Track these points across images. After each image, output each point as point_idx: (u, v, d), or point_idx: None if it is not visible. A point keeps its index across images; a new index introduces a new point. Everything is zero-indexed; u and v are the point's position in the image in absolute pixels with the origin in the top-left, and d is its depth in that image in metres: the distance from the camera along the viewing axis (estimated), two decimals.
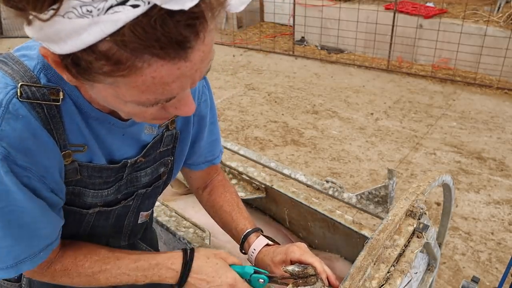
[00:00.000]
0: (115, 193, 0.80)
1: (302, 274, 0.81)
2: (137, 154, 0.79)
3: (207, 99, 0.92)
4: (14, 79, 0.60)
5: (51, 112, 0.63)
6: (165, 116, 0.60)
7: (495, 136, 3.81)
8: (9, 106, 0.58)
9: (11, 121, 0.58)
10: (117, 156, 0.76)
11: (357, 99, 4.70)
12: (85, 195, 0.75)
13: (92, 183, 0.74)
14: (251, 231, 0.95)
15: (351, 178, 3.23)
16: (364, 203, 1.24)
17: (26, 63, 0.63)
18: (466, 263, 2.38)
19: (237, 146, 1.55)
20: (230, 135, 3.97)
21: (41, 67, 0.63)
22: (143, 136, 0.79)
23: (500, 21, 5.03)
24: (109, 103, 0.57)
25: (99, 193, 0.76)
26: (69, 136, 0.66)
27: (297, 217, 1.47)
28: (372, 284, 0.75)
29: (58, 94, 0.63)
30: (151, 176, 0.87)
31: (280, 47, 6.61)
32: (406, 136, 3.86)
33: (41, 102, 0.61)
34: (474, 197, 2.96)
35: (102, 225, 0.85)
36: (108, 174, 0.75)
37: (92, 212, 0.79)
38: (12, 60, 0.63)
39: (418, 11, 5.43)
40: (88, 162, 0.71)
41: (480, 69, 5.01)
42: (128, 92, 0.51)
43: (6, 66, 0.62)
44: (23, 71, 0.61)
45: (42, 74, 0.63)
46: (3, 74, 0.61)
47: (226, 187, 1.06)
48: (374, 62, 5.73)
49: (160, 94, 0.52)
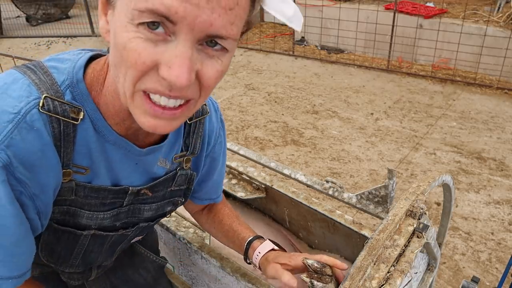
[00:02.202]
0: (112, 219, 0.77)
1: (320, 270, 0.81)
2: (144, 185, 0.78)
3: (222, 142, 0.92)
4: (40, 89, 0.60)
5: (66, 129, 0.62)
6: (156, 84, 0.53)
7: (495, 136, 3.81)
8: (26, 116, 0.57)
9: (24, 131, 0.57)
10: (123, 182, 0.74)
11: (357, 99, 4.70)
12: (80, 216, 0.72)
13: (88, 203, 0.72)
14: (254, 238, 0.95)
15: (351, 178, 3.23)
16: (364, 203, 1.24)
17: (54, 76, 0.62)
18: (466, 263, 2.38)
19: (237, 146, 1.55)
20: (230, 135, 3.97)
21: (69, 83, 0.63)
22: (156, 168, 0.78)
23: (500, 21, 5.03)
24: (117, 49, 0.53)
25: (94, 215, 0.73)
26: (75, 157, 0.65)
27: (297, 217, 1.47)
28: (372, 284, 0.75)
29: (78, 114, 0.62)
30: (155, 212, 0.85)
31: (280, 47, 6.61)
32: (406, 136, 3.86)
33: (59, 118, 0.60)
34: (474, 197, 2.96)
35: (96, 250, 0.82)
36: (105, 195, 0.72)
37: (87, 234, 0.76)
38: (41, 70, 0.62)
39: (418, 11, 5.43)
40: (87, 183, 0.69)
41: (480, 69, 5.01)
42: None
43: (34, 75, 0.61)
44: (50, 84, 0.61)
45: (68, 90, 0.62)
46: (29, 83, 0.60)
47: (224, 203, 1.07)
48: (374, 62, 5.73)
49: (158, 1, 0.48)
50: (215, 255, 1.11)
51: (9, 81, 0.60)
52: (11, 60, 3.96)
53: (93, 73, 0.65)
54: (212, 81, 0.56)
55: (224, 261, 1.09)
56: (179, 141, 0.81)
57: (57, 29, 8.09)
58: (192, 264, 1.23)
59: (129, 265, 1.09)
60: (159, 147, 0.75)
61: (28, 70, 0.62)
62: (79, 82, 0.63)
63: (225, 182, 1.56)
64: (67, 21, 9.03)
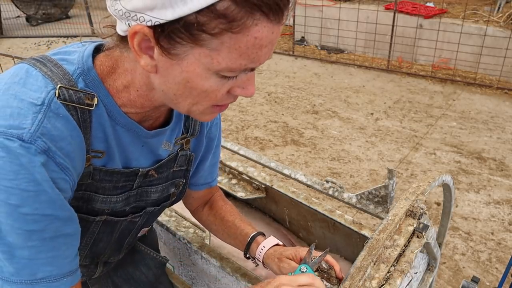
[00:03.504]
0: (123, 203, 0.80)
1: (327, 272, 0.83)
2: (150, 166, 0.80)
3: (218, 123, 0.95)
4: (53, 81, 0.61)
5: (83, 116, 0.64)
6: (230, 100, 0.65)
7: (495, 136, 3.81)
8: (51, 104, 0.59)
9: (52, 119, 0.59)
10: (134, 164, 0.77)
11: (357, 99, 4.70)
12: (94, 201, 0.74)
13: (102, 187, 0.74)
14: (258, 233, 0.96)
15: (351, 178, 3.23)
16: (364, 203, 1.24)
17: (65, 67, 0.64)
18: (466, 263, 2.38)
19: (237, 146, 1.55)
20: (230, 135, 3.97)
21: (80, 72, 0.65)
22: (160, 150, 0.81)
23: (500, 21, 5.03)
24: (184, 85, 0.60)
25: (108, 198, 0.76)
26: (93, 142, 0.67)
27: (297, 217, 1.47)
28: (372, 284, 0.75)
29: (92, 100, 0.64)
30: (161, 194, 0.88)
31: (280, 47, 6.61)
32: (406, 136, 3.86)
33: (76, 106, 0.62)
34: (474, 197, 2.96)
35: (105, 239, 0.84)
36: (117, 178, 0.75)
37: (99, 220, 0.78)
38: (51, 63, 0.64)
39: (418, 11, 5.43)
40: (102, 166, 0.71)
41: (480, 69, 5.01)
42: (227, 56, 0.55)
43: (45, 68, 0.63)
44: (62, 74, 0.63)
45: (80, 78, 0.64)
46: (42, 75, 0.62)
47: (225, 200, 1.08)
48: (374, 62, 5.73)
49: (252, 60, 0.56)
50: (215, 255, 1.11)
51: (23, 75, 0.61)
52: (11, 60, 3.96)
53: (102, 66, 0.67)
54: None
55: (224, 261, 1.09)
56: (180, 124, 0.84)
57: (57, 29, 8.09)
58: (192, 264, 1.23)
59: (130, 263, 1.10)
60: (164, 130, 0.78)
61: (37, 63, 0.64)
62: (90, 69, 0.66)
63: (225, 182, 1.56)
64: (67, 21, 9.03)
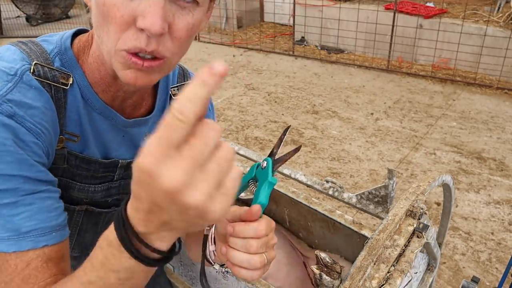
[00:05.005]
0: (103, 193, 0.78)
1: (330, 266, 0.82)
2: (132, 158, 0.78)
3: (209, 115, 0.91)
4: (30, 57, 0.63)
5: (57, 94, 0.64)
6: (134, 37, 0.55)
7: (495, 136, 3.81)
8: (23, 76, 0.60)
9: (23, 90, 0.59)
10: (114, 155, 0.76)
11: (357, 99, 4.70)
12: (71, 188, 0.73)
13: (79, 174, 0.73)
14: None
15: (351, 178, 3.23)
16: (364, 203, 1.24)
17: (44, 46, 0.66)
18: (466, 263, 2.38)
19: (237, 146, 1.54)
20: (230, 135, 3.97)
21: (58, 51, 0.66)
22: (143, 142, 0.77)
23: (500, 21, 5.03)
24: (96, 5, 0.57)
25: (85, 187, 0.75)
26: (67, 123, 0.67)
27: (297, 217, 1.47)
28: (372, 284, 0.75)
29: (68, 79, 0.65)
30: None
31: (280, 47, 6.61)
32: (406, 136, 3.86)
33: (50, 83, 0.63)
34: (474, 197, 2.96)
35: (91, 230, 0.83)
36: (95, 168, 0.74)
37: (80, 209, 0.77)
38: (32, 43, 0.66)
39: (418, 11, 5.43)
40: (78, 153, 0.71)
41: (480, 69, 5.01)
42: None
43: (24, 46, 0.65)
44: (40, 52, 0.65)
45: (57, 58, 0.66)
46: (20, 51, 0.63)
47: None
48: (374, 62, 5.73)
49: None
50: None
51: (3, 51, 0.64)
52: None
53: (79, 43, 0.69)
54: (183, 33, 0.58)
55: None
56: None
57: (57, 29, 8.09)
58: (192, 264, 1.23)
59: None
60: (145, 120, 0.77)
61: (20, 43, 0.66)
62: (67, 49, 0.67)
63: None
64: (67, 21, 9.03)
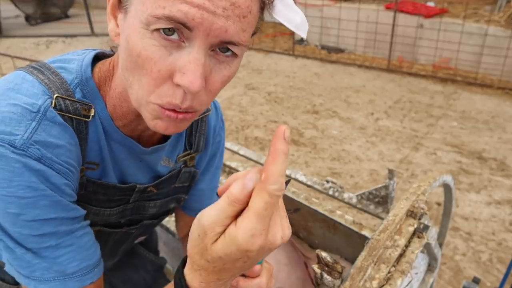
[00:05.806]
0: (118, 215, 0.78)
1: (331, 265, 0.81)
2: (148, 182, 0.79)
3: (221, 141, 0.91)
4: (50, 89, 0.60)
5: (79, 127, 0.62)
6: (170, 91, 0.54)
7: (496, 136, 3.80)
8: (46, 113, 0.58)
9: (48, 127, 0.57)
10: (130, 180, 0.75)
11: (357, 99, 4.70)
12: (87, 212, 0.72)
13: (96, 199, 0.72)
14: None
15: (351, 178, 3.23)
16: (364, 203, 1.24)
17: (63, 75, 0.63)
18: (467, 264, 2.37)
19: (237, 146, 1.54)
20: (230, 135, 3.97)
21: (79, 82, 0.63)
22: (159, 167, 0.78)
23: (501, 21, 5.03)
24: (126, 48, 0.54)
25: (101, 210, 0.74)
26: (88, 153, 0.66)
27: (297, 217, 1.47)
28: (372, 284, 0.75)
29: (89, 111, 0.63)
30: (159, 209, 0.85)
31: (280, 47, 6.60)
32: (406, 136, 3.85)
33: (72, 116, 0.61)
34: (475, 197, 2.96)
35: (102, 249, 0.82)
36: (113, 192, 0.73)
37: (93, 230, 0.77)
38: (49, 71, 0.63)
39: (419, 10, 5.42)
40: (96, 179, 0.70)
41: (481, 68, 5.00)
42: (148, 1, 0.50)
43: (42, 75, 0.61)
44: (60, 83, 0.61)
45: (78, 88, 0.63)
46: (39, 82, 0.60)
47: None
48: (374, 61, 5.73)
49: (175, 8, 0.48)
50: None
51: (19, 81, 0.60)
52: (10, 59, 3.95)
53: (100, 73, 0.66)
54: (219, 85, 0.57)
55: None
56: (182, 140, 0.82)
57: (57, 28, 8.09)
58: None
59: (128, 265, 1.09)
60: (162, 147, 0.76)
61: (35, 71, 0.62)
62: (89, 80, 0.64)
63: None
64: (67, 20, 9.03)
